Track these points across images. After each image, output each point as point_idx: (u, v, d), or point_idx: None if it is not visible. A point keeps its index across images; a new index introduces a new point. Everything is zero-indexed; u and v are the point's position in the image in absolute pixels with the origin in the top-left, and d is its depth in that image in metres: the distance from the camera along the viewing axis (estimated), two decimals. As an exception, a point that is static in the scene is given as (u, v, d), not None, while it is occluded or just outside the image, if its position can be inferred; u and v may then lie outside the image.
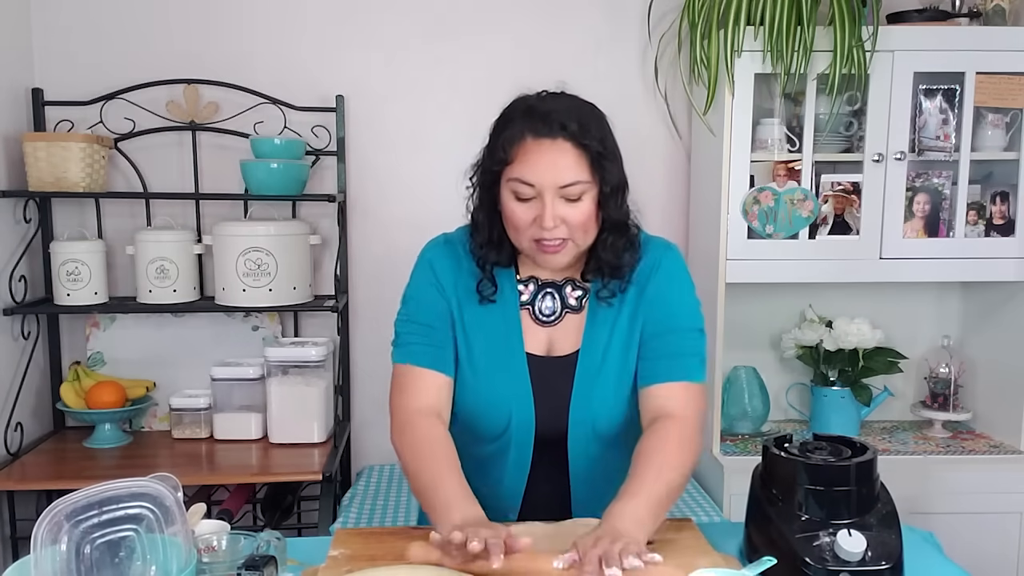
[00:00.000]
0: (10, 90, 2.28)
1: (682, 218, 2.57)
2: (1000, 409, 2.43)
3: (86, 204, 2.43)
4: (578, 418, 1.36)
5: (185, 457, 2.23)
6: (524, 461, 1.38)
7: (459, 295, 1.38)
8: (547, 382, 1.36)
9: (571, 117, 1.25)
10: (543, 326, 1.38)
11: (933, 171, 2.30)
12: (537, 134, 1.25)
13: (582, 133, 1.24)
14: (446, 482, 1.24)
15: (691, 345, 1.37)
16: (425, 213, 2.49)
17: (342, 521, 2.14)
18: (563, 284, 1.39)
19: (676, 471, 1.25)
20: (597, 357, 1.36)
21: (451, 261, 1.39)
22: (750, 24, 2.15)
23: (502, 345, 1.36)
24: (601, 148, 1.26)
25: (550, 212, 1.24)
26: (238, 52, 2.42)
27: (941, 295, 2.61)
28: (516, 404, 1.35)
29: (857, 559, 1.14)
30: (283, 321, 2.49)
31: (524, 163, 1.25)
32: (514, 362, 1.36)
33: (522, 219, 1.27)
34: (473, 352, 1.37)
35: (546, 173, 1.24)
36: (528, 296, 1.38)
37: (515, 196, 1.27)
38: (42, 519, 0.98)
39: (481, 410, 1.37)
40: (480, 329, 1.37)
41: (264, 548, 1.17)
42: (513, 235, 1.31)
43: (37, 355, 2.34)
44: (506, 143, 1.26)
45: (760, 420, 2.49)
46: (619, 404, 1.37)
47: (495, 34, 2.48)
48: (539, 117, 1.25)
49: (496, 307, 1.37)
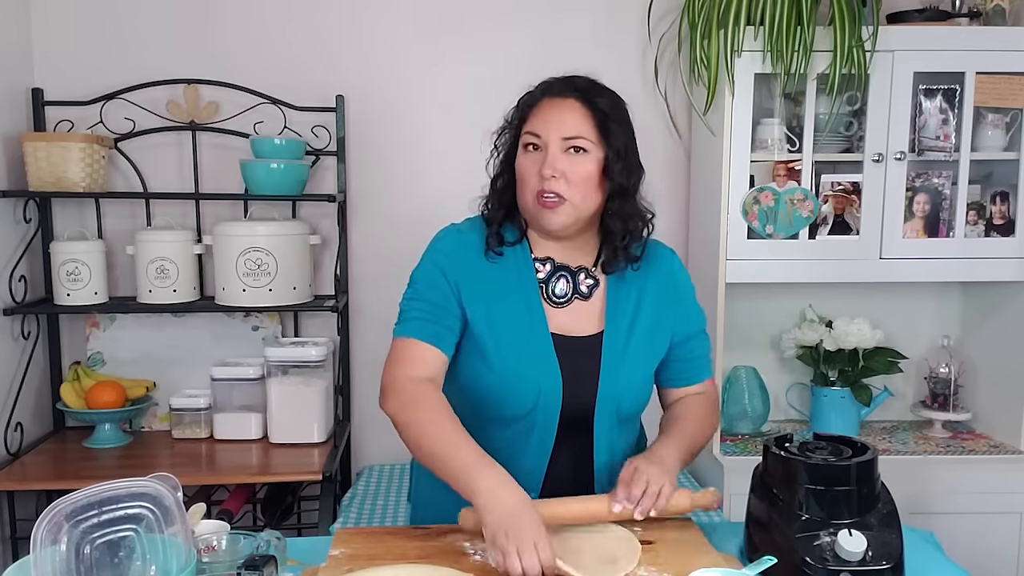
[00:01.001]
0: (10, 90, 2.28)
1: (682, 218, 2.57)
2: (1000, 409, 2.42)
3: (86, 204, 2.43)
4: (606, 396, 1.39)
5: (185, 457, 2.23)
6: (547, 443, 1.40)
7: (473, 276, 1.38)
8: (572, 360, 1.39)
9: (584, 82, 1.37)
10: (554, 307, 1.41)
11: (933, 171, 2.30)
12: (551, 94, 1.36)
13: (592, 93, 1.35)
14: (462, 444, 1.25)
15: (704, 347, 1.52)
16: (425, 212, 2.48)
17: (342, 521, 2.14)
18: (577, 271, 1.42)
19: (700, 429, 1.44)
20: (622, 338, 1.41)
21: (463, 246, 1.41)
22: (750, 24, 2.15)
23: (525, 321, 1.38)
24: (609, 111, 1.34)
25: (550, 160, 1.31)
26: (238, 52, 2.42)
27: (941, 295, 2.61)
28: (545, 381, 1.37)
29: (857, 559, 1.15)
30: (283, 321, 2.49)
31: (536, 116, 1.35)
32: (539, 338, 1.38)
33: (528, 169, 1.34)
34: (496, 328, 1.37)
35: (551, 125, 1.33)
36: (544, 275, 1.41)
37: (525, 150, 1.36)
38: (42, 519, 0.98)
39: (507, 388, 1.37)
40: (501, 305, 1.38)
41: (264, 548, 1.17)
42: (521, 194, 1.37)
43: (37, 355, 2.34)
44: (524, 105, 1.39)
45: (760, 420, 2.49)
46: (643, 385, 1.45)
47: (495, 34, 2.48)
48: (557, 82, 1.38)
49: (514, 283, 1.39)
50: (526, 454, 1.39)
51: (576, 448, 1.41)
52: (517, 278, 1.40)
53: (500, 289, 1.38)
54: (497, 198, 1.42)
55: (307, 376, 2.28)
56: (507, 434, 1.39)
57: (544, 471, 1.41)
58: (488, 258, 1.39)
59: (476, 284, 1.38)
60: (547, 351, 1.37)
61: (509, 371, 1.36)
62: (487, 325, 1.37)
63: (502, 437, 1.38)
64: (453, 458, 1.24)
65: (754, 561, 1.15)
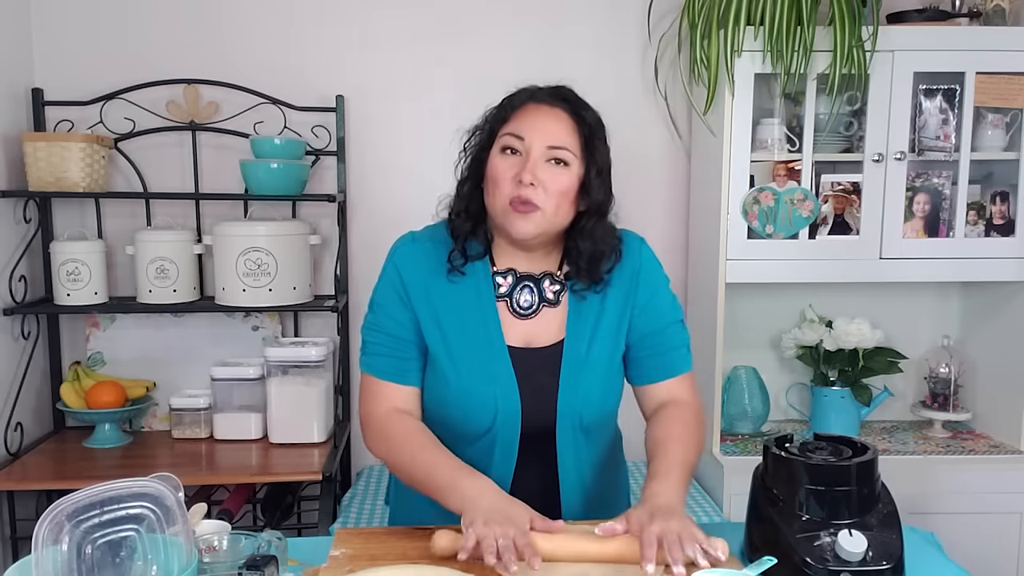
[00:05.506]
0: (10, 90, 2.28)
1: (682, 218, 2.57)
2: (1000, 409, 2.43)
3: (86, 204, 2.43)
4: (566, 408, 1.36)
5: (185, 457, 2.23)
6: (510, 459, 1.37)
7: (429, 294, 1.37)
8: (530, 374, 1.36)
9: (572, 95, 1.34)
10: (520, 319, 1.38)
11: (933, 171, 2.30)
12: (538, 100, 1.33)
13: (580, 107, 1.32)
14: (441, 463, 1.27)
15: (679, 338, 1.43)
16: (425, 213, 2.47)
17: (342, 521, 2.14)
18: (541, 278, 1.39)
19: (693, 449, 1.34)
20: (583, 347, 1.37)
21: (419, 260, 1.39)
22: (750, 24, 2.15)
23: (482, 338, 1.35)
24: (595, 127, 1.32)
25: (531, 166, 1.27)
26: (238, 52, 2.42)
27: (941, 295, 2.61)
28: (502, 396, 1.34)
29: (858, 559, 1.14)
30: (283, 321, 2.49)
31: (520, 119, 1.31)
32: (496, 354, 1.35)
33: (504, 173, 1.29)
34: (451, 347, 1.35)
35: (537, 130, 1.29)
36: (507, 288, 1.38)
37: (502, 150, 1.31)
38: (43, 519, 0.98)
39: (465, 406, 1.35)
40: (457, 323, 1.36)
41: (265, 548, 1.17)
42: (491, 195, 1.31)
43: (37, 355, 2.34)
44: (507, 105, 1.34)
45: (760, 420, 2.49)
46: (605, 395, 1.39)
47: (495, 34, 2.48)
48: (544, 90, 1.34)
49: (472, 300, 1.37)
50: (491, 469, 1.35)
51: (540, 464, 1.38)
52: (475, 293, 1.37)
53: (457, 305, 1.36)
54: (463, 204, 1.37)
55: (307, 376, 2.28)
56: (471, 450, 1.36)
57: (509, 486, 1.36)
58: (448, 276, 1.36)
59: (432, 302, 1.36)
60: (504, 368, 1.35)
61: (465, 389, 1.34)
62: (443, 345, 1.36)
63: (467, 455, 1.32)
64: (434, 476, 1.26)
65: (754, 561, 1.15)
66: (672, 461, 1.29)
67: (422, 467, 1.29)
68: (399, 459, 1.32)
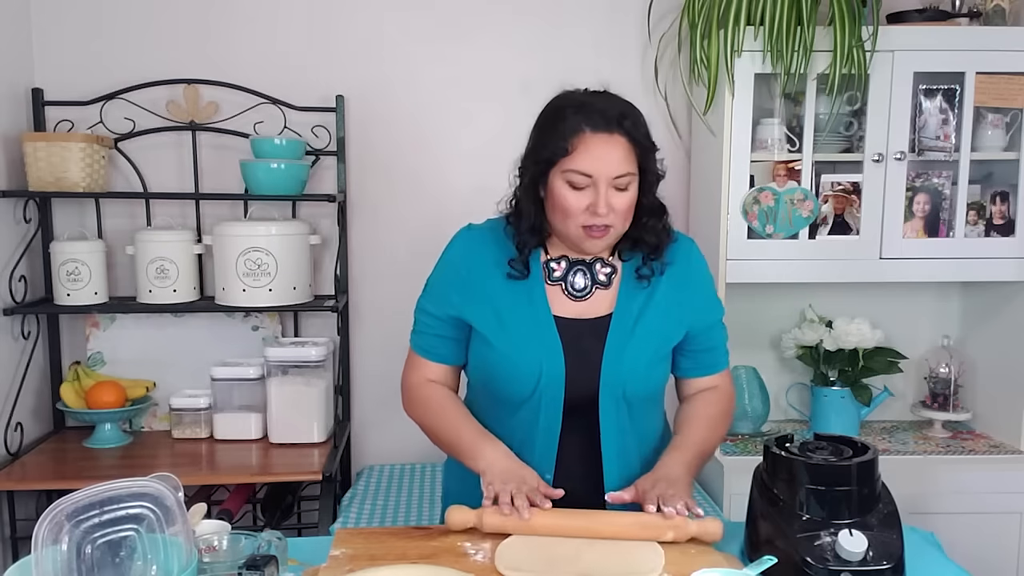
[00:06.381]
0: (10, 90, 2.28)
1: (682, 218, 2.57)
2: (1000, 409, 2.43)
3: (86, 204, 2.43)
4: (609, 379, 1.40)
5: (185, 457, 2.23)
6: (554, 426, 1.42)
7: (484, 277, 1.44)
8: (576, 341, 1.41)
9: (625, 114, 1.35)
10: (575, 301, 1.44)
11: (933, 171, 2.30)
12: (596, 128, 1.33)
13: (634, 128, 1.35)
14: (464, 429, 1.43)
15: (721, 337, 1.54)
16: (425, 213, 2.50)
17: (342, 521, 2.14)
18: (592, 262, 1.46)
19: (716, 432, 1.48)
20: (630, 321, 1.42)
21: (476, 251, 1.46)
22: (750, 24, 2.15)
23: (528, 308, 1.42)
24: (647, 143, 1.38)
25: (603, 200, 1.33)
26: (238, 52, 2.42)
27: (941, 295, 2.61)
28: (546, 360, 1.39)
29: (858, 559, 1.15)
30: (283, 321, 2.49)
31: (583, 155, 1.33)
32: (542, 322, 1.41)
33: (575, 206, 1.34)
34: (503, 318, 1.42)
35: (603, 165, 1.33)
36: (560, 272, 1.45)
37: (570, 185, 1.35)
38: (43, 519, 0.98)
39: (511, 371, 1.41)
40: (508, 300, 1.42)
41: (265, 548, 1.17)
42: (561, 221, 1.38)
43: (37, 355, 2.34)
44: (566, 135, 1.34)
45: (760, 420, 2.49)
46: (650, 369, 1.44)
47: (495, 34, 2.48)
48: (596, 112, 1.34)
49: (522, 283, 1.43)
50: (536, 437, 1.42)
51: (584, 436, 1.42)
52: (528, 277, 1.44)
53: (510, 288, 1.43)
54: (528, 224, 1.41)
55: (307, 376, 2.28)
56: (516, 418, 1.43)
57: (555, 454, 1.43)
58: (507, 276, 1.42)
59: (486, 288, 1.43)
60: (549, 332, 1.41)
61: (510, 354, 1.41)
62: (493, 316, 1.42)
63: (513, 422, 1.43)
64: (459, 439, 1.42)
65: (754, 561, 1.15)
66: (690, 439, 1.44)
67: (449, 431, 1.45)
68: (428, 422, 1.48)
